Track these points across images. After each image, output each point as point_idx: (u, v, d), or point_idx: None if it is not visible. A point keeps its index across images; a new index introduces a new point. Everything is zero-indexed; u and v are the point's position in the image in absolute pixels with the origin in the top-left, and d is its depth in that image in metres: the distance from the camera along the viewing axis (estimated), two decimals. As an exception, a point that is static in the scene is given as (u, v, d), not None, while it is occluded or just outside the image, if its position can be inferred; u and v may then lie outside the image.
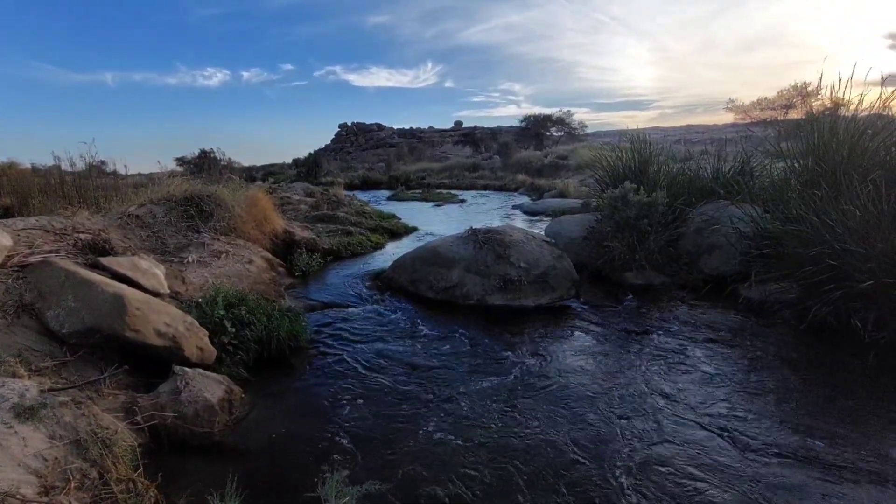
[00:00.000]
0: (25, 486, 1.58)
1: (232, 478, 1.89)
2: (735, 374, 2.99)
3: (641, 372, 3.06)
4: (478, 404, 2.70)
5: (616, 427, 2.46)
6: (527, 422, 2.52)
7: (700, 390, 2.81)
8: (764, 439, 2.32)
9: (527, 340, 3.59)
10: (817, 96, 10.60)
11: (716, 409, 2.60)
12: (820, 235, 3.51)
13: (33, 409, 1.89)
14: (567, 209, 8.27)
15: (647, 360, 3.22)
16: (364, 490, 1.88)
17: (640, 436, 2.38)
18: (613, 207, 5.05)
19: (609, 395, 2.79)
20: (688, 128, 42.13)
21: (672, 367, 3.12)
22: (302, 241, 5.81)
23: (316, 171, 19.96)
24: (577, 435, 2.40)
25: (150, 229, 4.44)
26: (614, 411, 2.61)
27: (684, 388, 2.83)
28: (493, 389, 2.87)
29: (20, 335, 2.49)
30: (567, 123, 28.41)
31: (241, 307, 3.37)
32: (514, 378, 3.00)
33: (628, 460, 2.19)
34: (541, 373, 3.07)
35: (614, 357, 3.32)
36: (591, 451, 2.27)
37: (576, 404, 2.69)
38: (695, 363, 3.17)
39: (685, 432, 2.40)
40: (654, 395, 2.76)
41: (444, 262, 4.71)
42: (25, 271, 2.87)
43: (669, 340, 3.53)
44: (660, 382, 2.91)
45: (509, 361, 3.23)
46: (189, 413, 2.35)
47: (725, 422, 2.48)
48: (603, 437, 2.37)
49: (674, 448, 2.27)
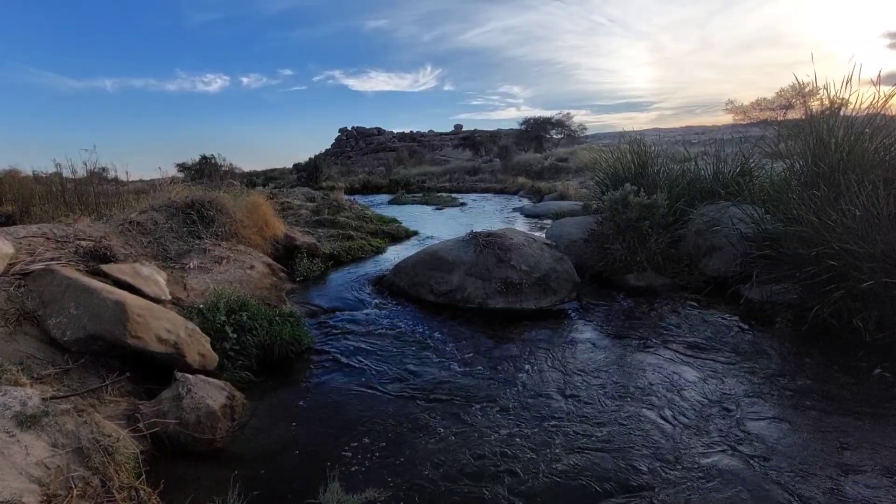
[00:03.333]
0: (28, 494, 1.58)
1: (234, 484, 1.89)
2: (737, 376, 2.99)
3: (644, 375, 3.06)
4: (480, 410, 2.69)
5: (618, 428, 2.45)
6: (531, 428, 2.51)
7: (702, 391, 2.80)
8: (767, 441, 2.32)
9: (529, 344, 3.59)
10: (816, 96, 10.60)
11: (717, 410, 2.59)
12: (820, 236, 3.51)
13: (35, 417, 1.89)
14: (567, 211, 8.28)
15: (650, 363, 3.22)
16: (365, 497, 1.88)
17: (644, 443, 2.37)
18: (614, 209, 5.06)
19: (610, 395, 2.78)
20: (687, 129, 42.14)
21: (675, 368, 3.12)
22: (303, 245, 5.82)
23: (316, 176, 19.99)
24: (581, 438, 2.39)
25: (151, 236, 4.45)
26: (615, 412, 2.60)
27: (687, 390, 2.82)
28: (496, 394, 2.86)
29: (22, 343, 2.49)
30: (567, 126, 28.54)
31: (242, 313, 3.37)
32: (516, 382, 3.00)
33: (631, 460, 2.18)
34: (543, 377, 3.06)
35: (616, 359, 3.31)
36: (596, 455, 2.26)
37: (578, 407, 2.68)
38: (697, 365, 3.16)
39: (689, 433, 2.39)
40: (657, 398, 2.75)
41: (445, 265, 4.71)
42: (27, 279, 2.88)
43: (671, 342, 3.52)
44: (663, 385, 2.91)
45: (512, 365, 3.23)
46: (191, 420, 2.35)
47: (727, 422, 2.47)
48: (605, 439, 2.37)
49: (676, 448, 2.27)
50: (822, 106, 4.67)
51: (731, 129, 21.56)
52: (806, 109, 5.16)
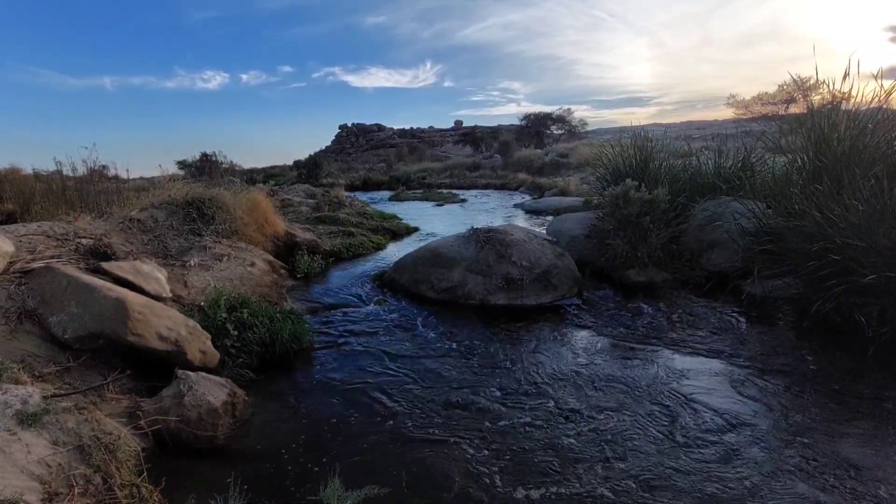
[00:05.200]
0: (29, 492, 1.59)
1: (235, 481, 1.89)
2: (738, 371, 2.98)
3: (645, 370, 3.05)
4: (482, 406, 2.69)
5: (619, 426, 2.45)
6: (534, 425, 2.51)
7: (704, 386, 2.80)
8: (769, 438, 2.31)
9: (530, 340, 3.58)
10: (818, 90, 10.54)
11: (718, 403, 2.59)
12: (822, 230, 3.49)
13: (36, 415, 1.89)
14: (568, 207, 8.26)
15: (651, 358, 3.21)
16: (365, 493, 1.88)
17: (647, 438, 2.37)
18: (615, 205, 5.04)
19: (610, 393, 2.78)
20: (688, 124, 42.06)
21: (676, 364, 3.11)
22: (303, 242, 5.81)
23: (317, 173, 19.97)
24: (584, 437, 2.39)
25: (151, 233, 4.45)
26: (616, 411, 2.60)
27: (689, 385, 2.82)
28: (498, 391, 2.86)
29: (23, 341, 2.49)
30: (567, 121, 28.41)
31: (243, 310, 3.37)
32: (517, 378, 3.00)
33: (632, 460, 2.19)
34: (545, 373, 3.06)
35: (618, 355, 3.31)
36: (600, 451, 2.26)
37: (581, 403, 2.68)
38: (698, 360, 3.16)
39: (691, 430, 2.39)
40: (660, 395, 2.75)
41: (445, 262, 4.71)
42: (28, 277, 2.88)
43: (673, 338, 3.52)
44: (665, 380, 2.90)
45: (513, 362, 3.23)
46: (193, 417, 2.35)
47: (729, 417, 2.47)
48: (607, 437, 2.37)
49: (678, 447, 2.27)
50: (824, 100, 4.64)
51: (732, 123, 21.48)
52: (808, 104, 5.13)
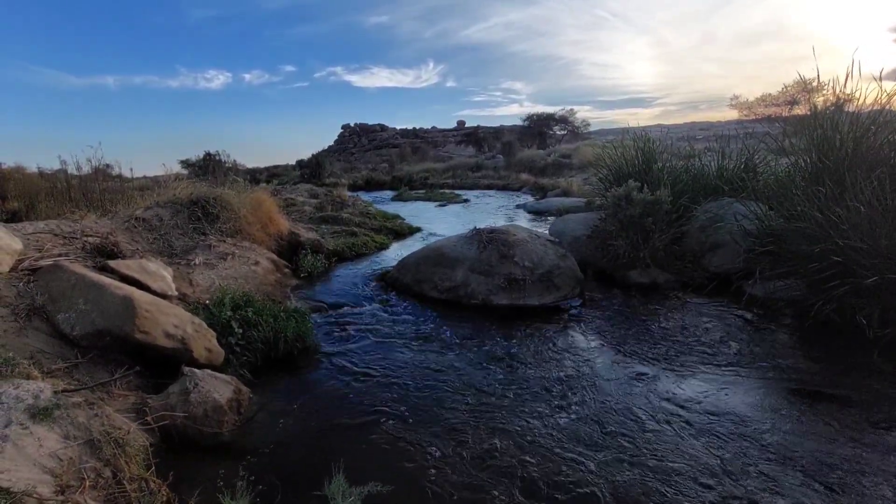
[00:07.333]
0: (42, 485, 1.62)
1: (241, 477, 1.92)
2: (739, 371, 3.00)
3: (646, 370, 3.07)
4: (484, 404, 2.72)
5: (620, 427, 2.47)
6: (534, 424, 2.53)
7: (705, 388, 2.82)
8: (771, 437, 2.33)
9: (532, 341, 3.60)
10: (821, 92, 10.54)
11: (718, 404, 2.60)
12: (824, 232, 3.50)
13: (48, 409, 1.92)
14: (571, 208, 8.27)
15: (653, 359, 3.23)
16: (368, 490, 1.91)
17: (648, 439, 2.39)
18: (617, 206, 5.06)
19: (611, 392, 2.80)
20: (691, 125, 41.94)
21: (678, 365, 3.13)
22: (307, 242, 5.85)
23: (319, 173, 19.99)
24: (585, 436, 2.41)
25: (156, 232, 4.49)
26: (616, 411, 2.62)
27: (690, 387, 2.84)
28: (500, 390, 2.88)
29: (32, 338, 2.53)
30: (570, 122, 28.39)
31: (247, 308, 3.40)
32: (519, 378, 3.02)
33: (633, 460, 2.21)
34: (547, 373, 3.08)
35: (620, 356, 3.32)
36: (600, 451, 2.28)
37: (581, 404, 2.70)
38: (700, 361, 3.17)
39: (693, 430, 2.41)
40: (659, 392, 2.77)
41: (448, 262, 4.73)
42: (36, 275, 2.92)
43: (675, 338, 3.53)
44: (667, 382, 2.92)
45: (515, 362, 3.25)
46: (199, 413, 2.38)
47: (729, 420, 2.49)
48: (607, 437, 2.39)
49: (680, 447, 2.29)
50: (827, 102, 4.64)
51: (736, 124, 21.45)
52: (811, 105, 5.14)
